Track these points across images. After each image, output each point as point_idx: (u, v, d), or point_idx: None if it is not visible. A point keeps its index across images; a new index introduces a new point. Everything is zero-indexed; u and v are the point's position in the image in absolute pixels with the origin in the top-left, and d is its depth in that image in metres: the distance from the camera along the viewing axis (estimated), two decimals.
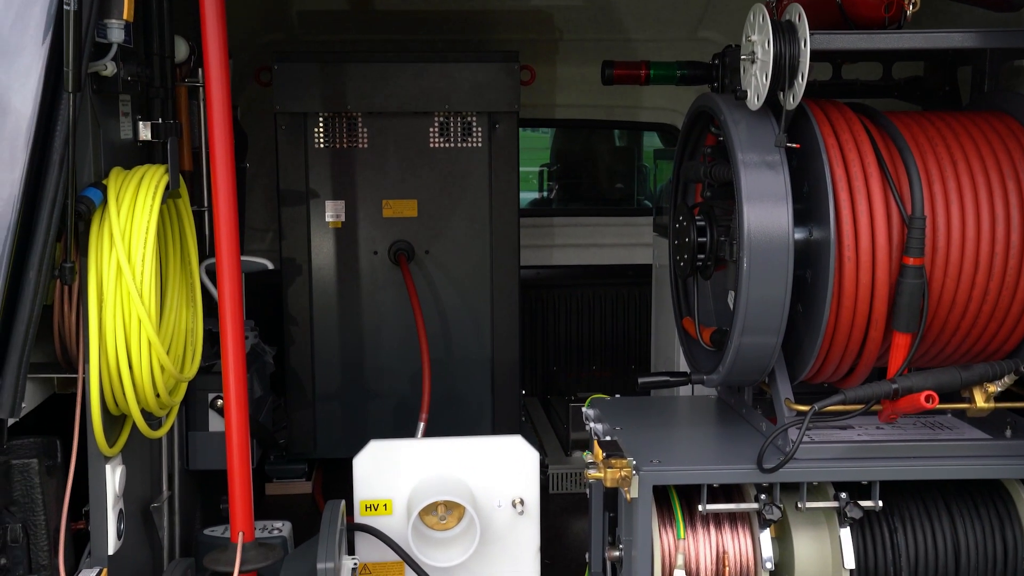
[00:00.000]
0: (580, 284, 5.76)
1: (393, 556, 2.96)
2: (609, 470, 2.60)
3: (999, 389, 2.61)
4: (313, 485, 4.62)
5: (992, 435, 2.78)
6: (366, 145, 4.43)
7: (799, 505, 2.65)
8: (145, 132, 2.79)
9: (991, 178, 2.60)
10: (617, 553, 2.80)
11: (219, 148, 2.45)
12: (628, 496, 2.63)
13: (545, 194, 7.29)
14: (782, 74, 2.44)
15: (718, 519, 2.74)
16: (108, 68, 2.44)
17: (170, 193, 2.65)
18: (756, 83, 2.55)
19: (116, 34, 2.41)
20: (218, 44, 2.45)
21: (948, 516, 2.75)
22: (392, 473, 3.00)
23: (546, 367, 5.77)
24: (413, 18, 4.83)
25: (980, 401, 2.61)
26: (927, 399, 2.47)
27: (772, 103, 2.56)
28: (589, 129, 6.46)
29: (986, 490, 2.80)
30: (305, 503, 4.47)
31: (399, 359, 4.56)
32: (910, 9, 2.61)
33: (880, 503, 2.66)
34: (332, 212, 4.45)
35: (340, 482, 4.25)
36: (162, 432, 2.85)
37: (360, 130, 4.42)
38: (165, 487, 3.13)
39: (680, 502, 2.75)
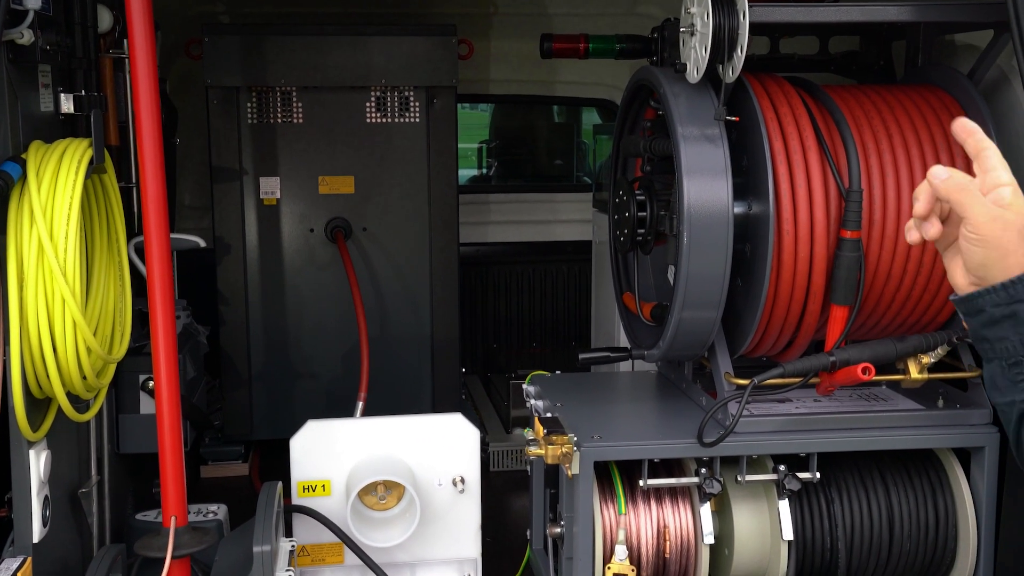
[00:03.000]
0: (519, 261, 5.74)
1: (332, 537, 2.91)
2: (550, 447, 2.58)
3: (933, 360, 2.65)
4: (250, 467, 4.54)
5: (925, 406, 2.82)
6: (301, 120, 4.33)
7: (739, 478, 2.67)
8: (67, 104, 2.68)
9: (925, 151, 2.63)
10: (558, 530, 2.79)
11: (145, 118, 2.36)
12: (569, 473, 2.62)
13: (484, 171, 7.25)
14: (721, 47, 2.42)
15: (659, 494, 2.75)
16: (25, 36, 2.33)
17: (95, 168, 2.55)
18: (695, 56, 2.54)
19: (32, 0, 2.31)
20: (142, 10, 2.35)
21: (883, 486, 2.80)
22: (330, 453, 2.95)
23: (485, 345, 5.74)
24: None
25: (914, 372, 2.64)
26: (864, 371, 2.50)
27: (711, 76, 2.55)
28: (528, 106, 6.42)
29: (919, 459, 2.85)
30: (242, 485, 4.40)
31: (336, 338, 4.49)
32: None
33: (818, 475, 2.69)
34: (266, 189, 4.36)
35: (278, 464, 4.17)
36: (89, 415, 2.76)
37: (295, 105, 4.32)
38: (94, 471, 3.04)
39: (621, 478, 2.75)
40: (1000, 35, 2.66)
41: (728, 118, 2.52)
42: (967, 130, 1.44)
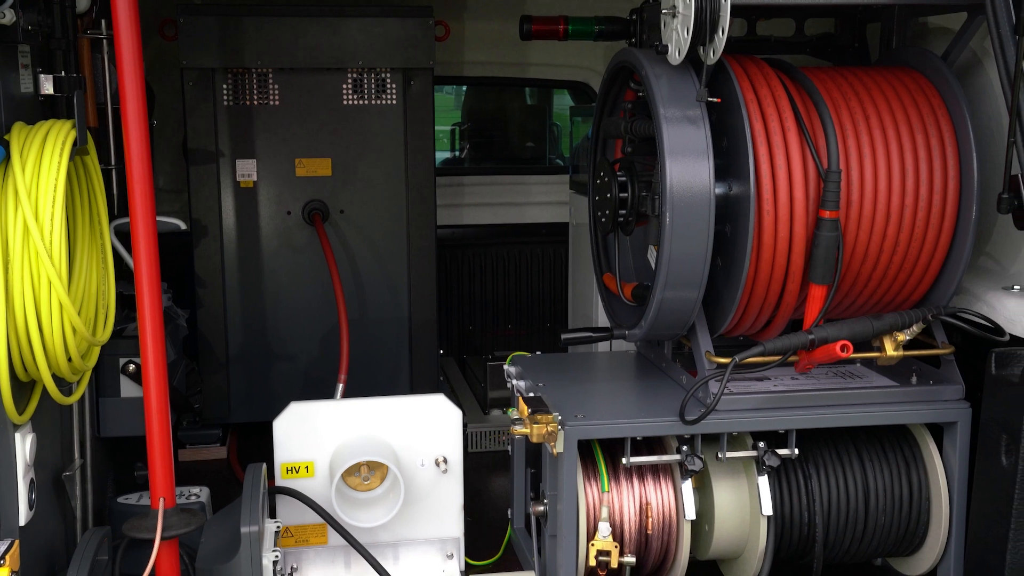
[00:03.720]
0: (493, 243, 5.75)
1: (316, 518, 2.93)
2: (535, 426, 2.61)
3: (908, 338, 2.70)
4: (228, 450, 4.54)
5: (899, 382, 2.88)
6: (277, 102, 4.31)
7: (719, 455, 2.71)
8: (47, 86, 2.66)
9: (901, 132, 2.68)
10: (542, 508, 2.83)
11: (130, 99, 2.35)
12: (554, 451, 2.66)
13: (457, 153, 7.24)
14: (703, 28, 2.45)
15: (641, 471, 2.79)
16: (6, 16, 2.31)
17: (78, 150, 2.54)
18: (677, 37, 2.56)
19: None
20: None
21: (859, 461, 2.86)
22: (313, 435, 2.96)
23: (461, 327, 5.76)
24: None
25: (890, 350, 2.70)
26: (842, 348, 2.55)
27: (692, 58, 2.58)
28: (500, 88, 6.42)
29: (894, 435, 2.92)
30: (220, 468, 4.39)
31: (313, 321, 4.49)
32: None
33: (796, 451, 2.74)
34: (243, 171, 4.34)
35: (255, 446, 4.17)
36: (74, 398, 2.75)
37: (271, 86, 4.30)
38: (77, 455, 3.03)
39: (604, 456, 2.79)
40: (974, 17, 2.71)
41: (710, 99, 2.55)
42: None
